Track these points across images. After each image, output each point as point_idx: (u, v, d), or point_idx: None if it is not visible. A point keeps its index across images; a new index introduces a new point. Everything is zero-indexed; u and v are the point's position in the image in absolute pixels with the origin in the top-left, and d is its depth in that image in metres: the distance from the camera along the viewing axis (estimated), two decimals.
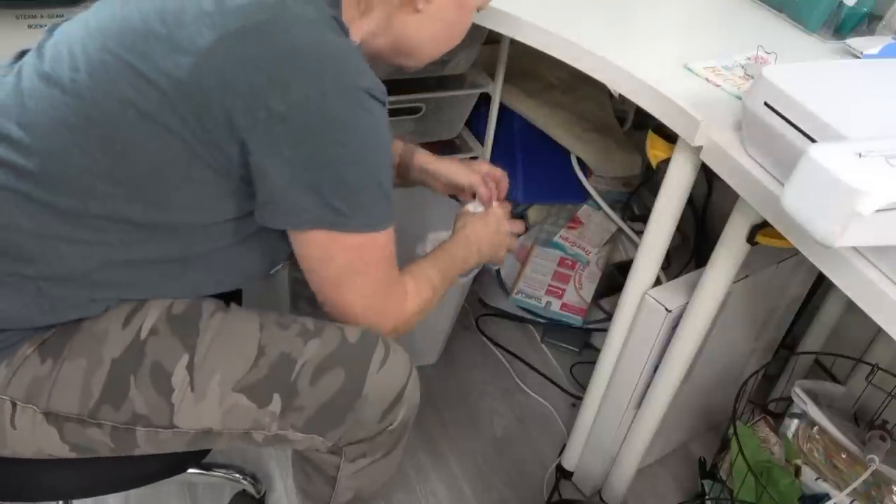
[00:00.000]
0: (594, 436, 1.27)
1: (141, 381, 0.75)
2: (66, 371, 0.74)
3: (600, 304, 1.64)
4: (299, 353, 0.79)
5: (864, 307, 0.70)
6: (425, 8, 0.80)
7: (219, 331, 0.79)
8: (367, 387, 0.80)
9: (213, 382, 0.77)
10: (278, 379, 0.78)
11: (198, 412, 0.77)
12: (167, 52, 0.70)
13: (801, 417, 1.23)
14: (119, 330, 0.76)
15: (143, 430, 0.77)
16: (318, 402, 0.79)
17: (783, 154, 0.76)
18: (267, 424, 0.79)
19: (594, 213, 1.68)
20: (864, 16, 1.12)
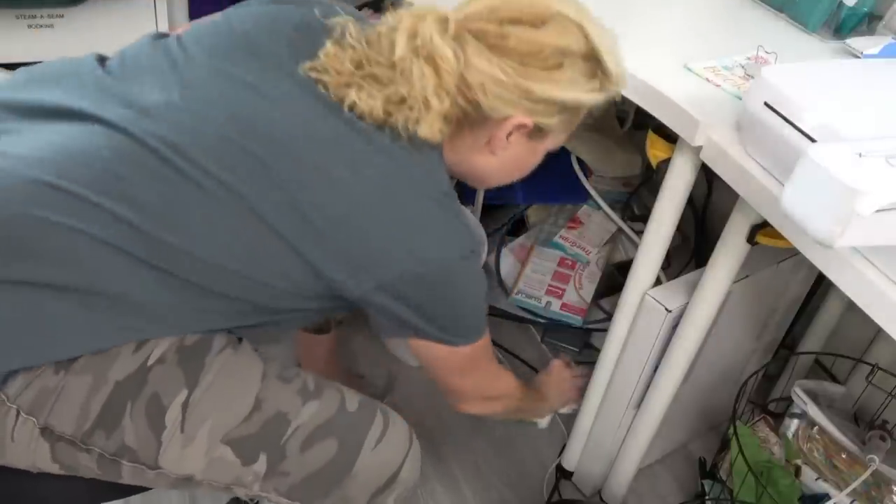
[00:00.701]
0: (594, 436, 1.27)
1: (136, 410, 0.74)
2: (71, 385, 0.72)
3: (600, 304, 1.64)
4: (295, 415, 0.78)
5: (864, 307, 0.70)
6: (501, 154, 0.84)
7: (221, 372, 0.77)
8: (358, 464, 0.79)
9: (203, 428, 0.75)
10: (268, 438, 0.77)
11: (182, 457, 0.75)
12: (315, 197, 0.75)
13: (801, 417, 1.23)
14: (130, 353, 0.74)
15: (128, 465, 0.75)
16: (305, 472, 0.78)
17: (783, 154, 0.76)
18: (249, 483, 0.77)
19: (594, 213, 1.68)
20: (864, 16, 1.11)
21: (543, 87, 0.78)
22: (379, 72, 0.77)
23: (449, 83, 0.75)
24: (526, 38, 0.77)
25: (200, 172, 0.73)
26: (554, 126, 0.83)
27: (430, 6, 0.78)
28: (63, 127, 0.76)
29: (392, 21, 0.79)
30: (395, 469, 0.82)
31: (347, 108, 0.76)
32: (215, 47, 0.81)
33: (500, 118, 0.79)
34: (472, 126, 0.81)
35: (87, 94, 0.78)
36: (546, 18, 0.78)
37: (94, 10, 1.17)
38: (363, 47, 0.78)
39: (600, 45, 0.80)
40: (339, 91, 0.76)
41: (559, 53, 0.78)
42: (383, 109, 0.75)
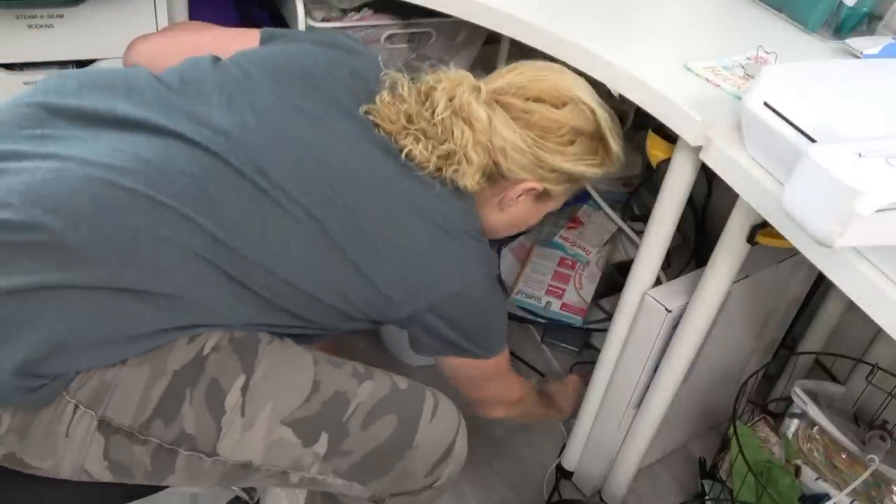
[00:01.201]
0: (594, 436, 1.27)
1: (196, 397, 0.75)
2: (128, 377, 0.74)
3: (600, 304, 1.64)
4: (353, 394, 0.81)
5: (864, 307, 0.70)
6: (508, 210, 0.95)
7: (276, 357, 0.80)
8: (418, 436, 0.82)
9: (264, 411, 0.77)
10: (330, 418, 0.79)
11: (243, 441, 0.77)
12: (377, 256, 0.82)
13: (801, 417, 1.23)
14: (185, 344, 0.76)
15: (185, 453, 0.76)
16: (366, 448, 0.80)
17: (783, 154, 0.76)
18: (308, 465, 0.79)
19: (594, 213, 1.68)
20: (864, 16, 1.11)
21: (556, 159, 0.89)
22: (427, 128, 0.86)
23: (484, 140, 0.86)
24: (548, 116, 0.89)
25: (281, 194, 0.78)
26: (558, 193, 0.94)
27: (464, 73, 0.91)
28: (132, 137, 0.78)
29: (432, 82, 0.90)
30: (451, 441, 0.86)
31: (405, 156, 0.84)
32: (278, 76, 0.86)
33: (515, 180, 0.90)
34: (492, 183, 0.90)
35: (150, 106, 0.80)
36: (566, 101, 0.90)
37: (94, 10, 1.17)
38: (413, 102, 0.88)
39: (606, 127, 0.92)
40: (397, 138, 0.85)
41: (573, 132, 0.90)
42: (435, 163, 0.85)
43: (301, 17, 1.26)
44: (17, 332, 0.68)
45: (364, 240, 0.81)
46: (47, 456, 0.74)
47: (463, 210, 0.88)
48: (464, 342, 0.90)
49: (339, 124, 0.84)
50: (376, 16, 1.31)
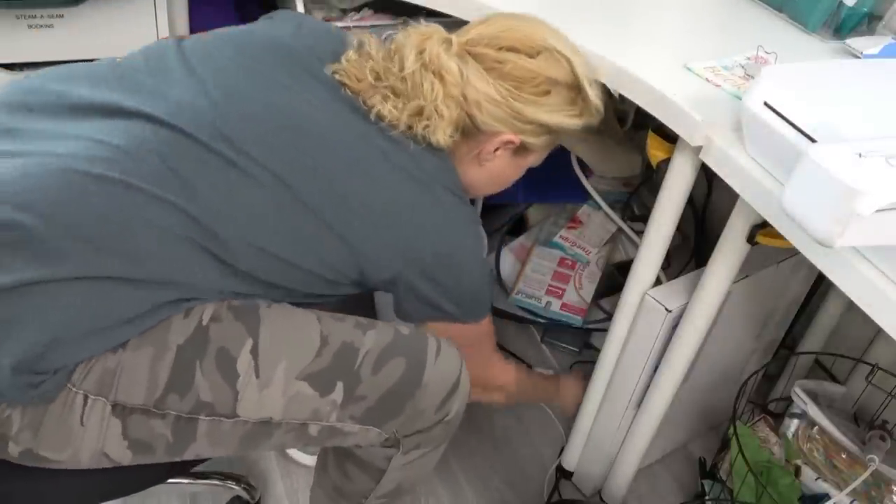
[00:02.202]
0: (594, 436, 1.27)
1: (207, 366, 0.76)
2: (132, 359, 0.74)
3: (600, 304, 1.64)
4: (361, 343, 0.83)
5: (864, 307, 0.70)
6: (487, 165, 0.93)
7: (279, 319, 0.81)
8: (426, 375, 0.84)
9: (278, 369, 0.78)
10: (342, 367, 0.81)
11: (261, 399, 0.78)
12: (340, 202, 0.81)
13: (801, 417, 1.23)
14: (181, 318, 0.77)
15: (205, 419, 0.77)
16: (380, 392, 0.82)
17: (783, 154, 0.76)
18: (326, 414, 0.81)
19: (594, 213, 1.68)
20: (864, 16, 1.11)
21: (532, 110, 0.87)
22: (396, 84, 0.84)
23: (455, 94, 0.84)
24: (521, 65, 0.86)
25: (248, 161, 0.77)
26: (537, 145, 0.92)
27: (435, 27, 0.88)
28: (98, 122, 0.78)
29: (402, 39, 0.88)
30: (456, 377, 0.87)
31: (374, 116, 0.83)
32: (243, 47, 0.86)
33: (491, 133, 0.88)
34: (468, 137, 0.88)
35: (113, 89, 0.81)
36: (540, 50, 0.88)
37: (94, 10, 1.17)
38: (380, 59, 0.86)
39: (584, 77, 0.90)
40: (366, 98, 0.84)
41: (549, 82, 0.88)
42: (406, 121, 0.83)
43: None
44: (8, 332, 0.69)
45: (338, 200, 0.80)
46: (65, 447, 0.75)
47: (440, 166, 0.86)
48: (448, 304, 0.89)
49: (306, 88, 0.84)
50: (376, 16, 1.31)
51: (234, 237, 0.77)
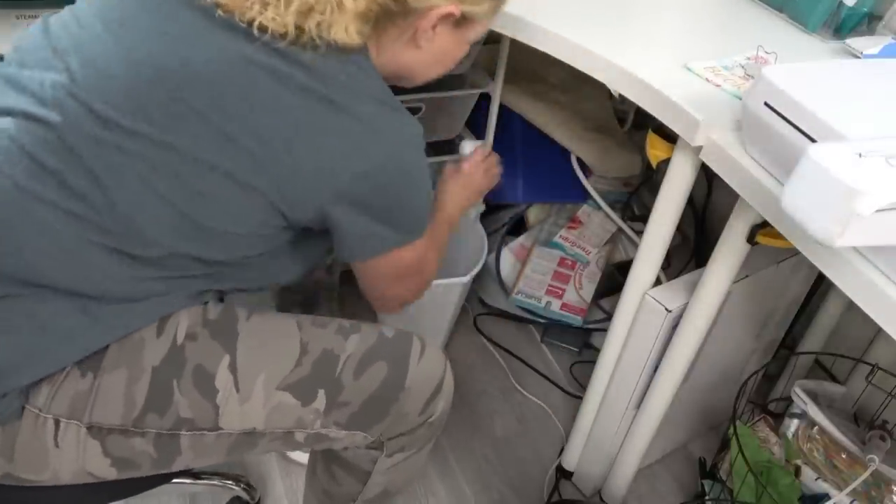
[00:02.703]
0: (594, 436, 1.27)
1: (184, 385, 0.75)
2: (107, 383, 0.73)
3: (600, 304, 1.64)
4: (341, 349, 0.81)
5: (864, 307, 0.70)
6: (426, 46, 0.83)
7: (258, 331, 0.80)
8: (409, 378, 0.82)
9: (258, 382, 0.77)
10: (323, 375, 0.79)
11: (242, 412, 0.77)
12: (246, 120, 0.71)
13: (801, 417, 1.23)
14: (154, 338, 0.76)
15: (187, 434, 0.76)
16: (363, 396, 0.80)
17: (783, 154, 0.76)
18: (310, 422, 0.80)
19: (594, 213, 1.68)
20: (864, 16, 1.11)
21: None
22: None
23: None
24: None
25: (121, 134, 0.70)
26: (481, 13, 0.82)
27: None
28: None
29: None
30: (440, 378, 0.86)
31: (257, 30, 0.71)
32: (105, 3, 0.76)
33: (424, 8, 0.77)
34: (394, 21, 0.78)
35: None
36: None
37: None
38: None
39: None
40: (243, 13, 0.71)
41: None
42: (294, 24, 0.70)
43: None
44: None
45: (230, 145, 0.70)
46: (43, 469, 0.74)
47: (351, 71, 0.75)
48: (385, 230, 0.80)
49: (177, 24, 0.72)
50: None
51: (132, 227, 0.71)
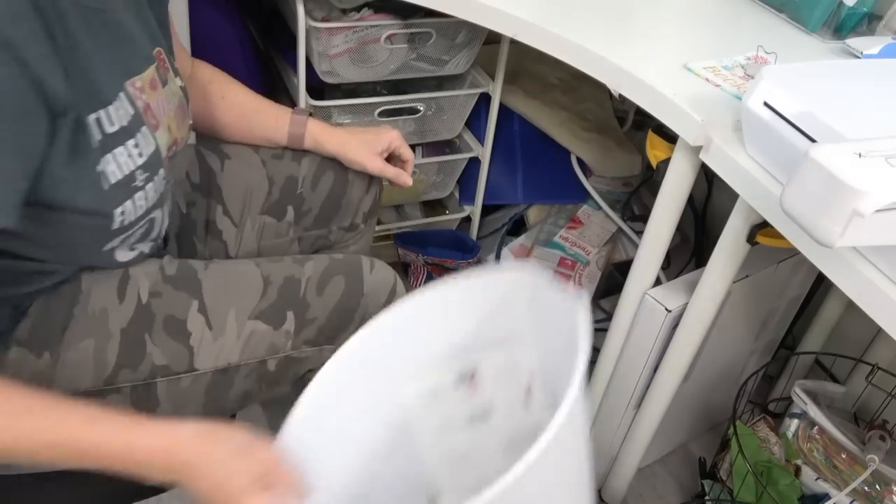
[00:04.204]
0: (594, 436, 1.27)
1: (157, 336, 0.78)
2: (72, 355, 0.75)
3: (600, 304, 1.64)
4: (301, 273, 0.87)
5: (864, 307, 0.70)
6: None
7: (220, 274, 0.85)
8: (366, 285, 0.89)
9: (229, 316, 0.82)
10: (289, 298, 0.85)
11: (217, 348, 0.80)
12: None
13: (801, 417, 1.23)
14: (118, 304, 0.79)
15: (163, 380, 0.79)
16: (328, 309, 0.86)
17: (783, 154, 0.76)
18: (282, 345, 0.84)
19: (594, 213, 1.68)
20: (864, 16, 1.11)
21: None
22: None
23: None
24: None
25: None
26: None
27: None
28: None
29: None
30: (393, 282, 0.92)
31: None
32: None
33: None
34: None
35: None
36: None
37: None
38: None
39: None
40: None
41: None
42: None
43: (301, 16, 1.26)
44: None
45: None
46: None
47: None
48: None
49: None
50: (376, 16, 1.31)
51: None
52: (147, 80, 0.76)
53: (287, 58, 1.48)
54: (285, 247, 1.04)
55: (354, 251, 1.12)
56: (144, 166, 0.74)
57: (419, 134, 1.54)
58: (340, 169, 1.03)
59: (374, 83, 1.47)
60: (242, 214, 0.99)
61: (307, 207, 1.02)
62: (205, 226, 0.98)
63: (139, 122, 0.74)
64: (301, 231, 1.03)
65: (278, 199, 1.00)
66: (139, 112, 0.74)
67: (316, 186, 1.02)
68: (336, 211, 1.05)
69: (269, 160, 1.00)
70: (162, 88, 0.79)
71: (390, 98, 1.44)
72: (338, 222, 1.06)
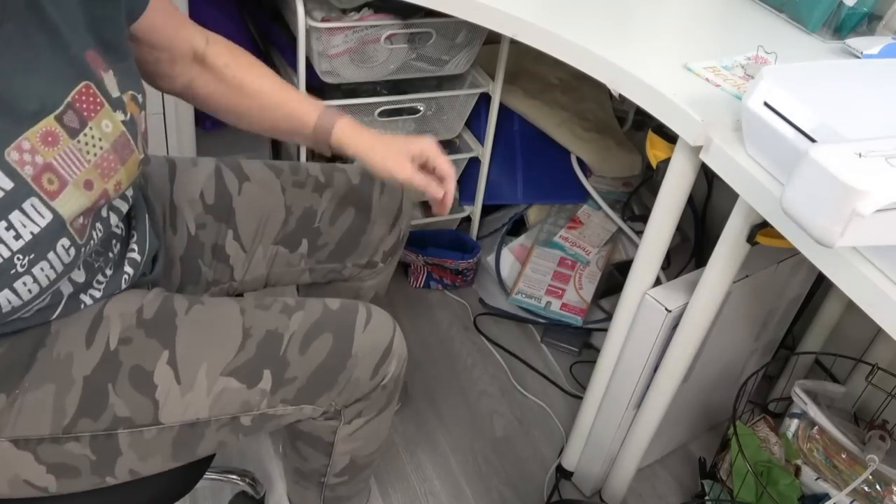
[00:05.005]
0: (594, 436, 1.27)
1: (120, 387, 0.74)
2: (31, 399, 0.72)
3: (600, 304, 1.64)
4: (285, 328, 0.80)
5: (864, 307, 0.70)
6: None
7: (198, 322, 0.79)
8: (355, 346, 0.81)
9: (200, 372, 0.76)
10: (267, 355, 0.79)
11: (185, 403, 0.76)
12: None
13: (801, 417, 1.23)
14: (84, 350, 0.74)
15: (125, 432, 0.75)
16: (309, 369, 0.80)
17: (783, 154, 0.76)
18: (256, 403, 0.79)
19: (594, 213, 1.68)
20: (864, 16, 1.11)
21: None
22: None
23: None
24: None
25: None
26: None
27: None
28: None
29: None
30: (389, 341, 0.84)
31: None
32: None
33: None
34: None
35: None
36: None
37: None
38: None
39: None
40: None
41: None
42: None
43: (301, 16, 1.26)
44: None
45: None
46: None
47: None
48: None
49: None
50: (376, 16, 1.31)
51: None
52: (40, 135, 0.63)
53: (287, 58, 1.48)
54: (296, 276, 1.02)
55: (370, 286, 1.09)
56: (27, 248, 0.64)
57: (419, 134, 1.54)
58: (364, 206, 0.99)
59: (374, 83, 1.47)
60: (254, 241, 0.96)
61: (323, 242, 0.99)
62: (212, 250, 0.95)
63: (23, 195, 0.63)
64: (314, 263, 1.00)
65: (294, 229, 0.97)
66: (25, 182, 0.62)
67: (335, 222, 0.98)
68: (354, 248, 1.01)
69: (290, 188, 0.97)
70: (77, 136, 0.66)
71: (390, 98, 1.44)
72: (354, 259, 1.03)
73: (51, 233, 0.65)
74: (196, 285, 0.96)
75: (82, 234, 0.70)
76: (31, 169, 0.63)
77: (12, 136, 0.62)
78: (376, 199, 0.99)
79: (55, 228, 0.66)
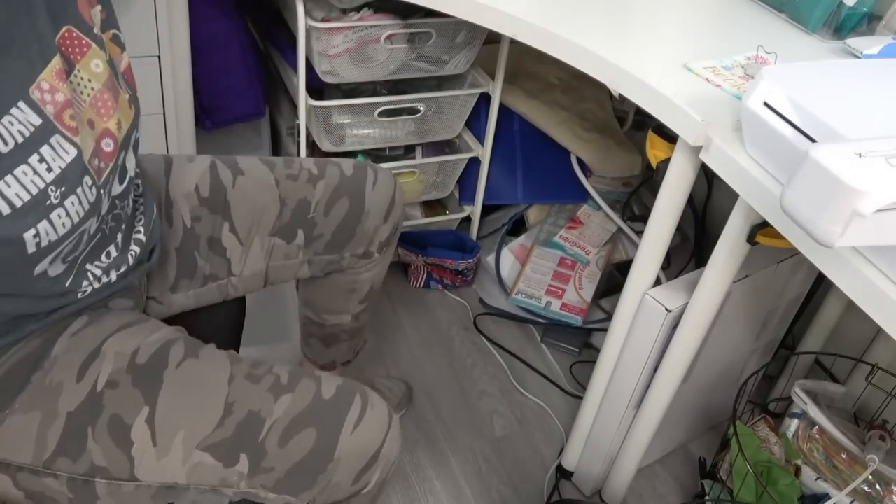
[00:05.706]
0: (594, 436, 1.27)
1: (99, 433, 0.73)
2: (17, 422, 0.72)
3: (600, 304, 1.64)
4: (268, 412, 0.77)
5: (864, 307, 0.70)
6: None
7: (183, 384, 0.77)
8: (339, 449, 0.77)
9: (176, 439, 0.74)
10: (245, 439, 0.76)
11: (161, 467, 0.74)
12: None
13: (801, 417, 1.23)
14: (74, 383, 0.74)
15: (103, 482, 0.74)
16: (287, 465, 0.77)
17: (783, 154, 0.76)
18: (235, 482, 0.77)
19: (594, 213, 1.68)
20: (864, 16, 1.11)
21: None
22: None
23: None
24: None
25: None
26: None
27: None
28: None
29: None
30: (377, 448, 0.80)
31: None
32: None
33: None
34: None
35: None
36: None
37: None
38: None
39: None
40: None
41: None
42: None
43: (301, 16, 1.26)
44: None
45: None
46: None
47: None
48: None
49: None
50: (376, 16, 1.31)
51: None
52: (55, 72, 0.66)
53: (287, 58, 1.48)
54: (295, 269, 1.03)
55: (366, 279, 1.11)
56: (58, 181, 0.67)
57: (419, 134, 1.54)
58: (357, 196, 1.01)
59: (374, 83, 1.47)
60: (250, 233, 0.97)
61: (319, 232, 1.01)
62: (209, 242, 0.96)
63: (49, 131, 0.66)
64: (311, 255, 1.02)
65: (289, 221, 0.99)
66: (48, 119, 0.65)
67: (329, 212, 1.00)
68: (350, 238, 1.03)
69: (284, 180, 0.99)
70: (69, 78, 0.69)
71: (390, 98, 1.44)
72: (351, 249, 1.05)
73: (76, 168, 0.68)
74: (192, 279, 0.96)
75: (100, 176, 0.73)
76: (52, 108, 0.66)
77: (32, 76, 0.65)
78: (369, 191, 1.01)
79: (80, 164, 0.69)
